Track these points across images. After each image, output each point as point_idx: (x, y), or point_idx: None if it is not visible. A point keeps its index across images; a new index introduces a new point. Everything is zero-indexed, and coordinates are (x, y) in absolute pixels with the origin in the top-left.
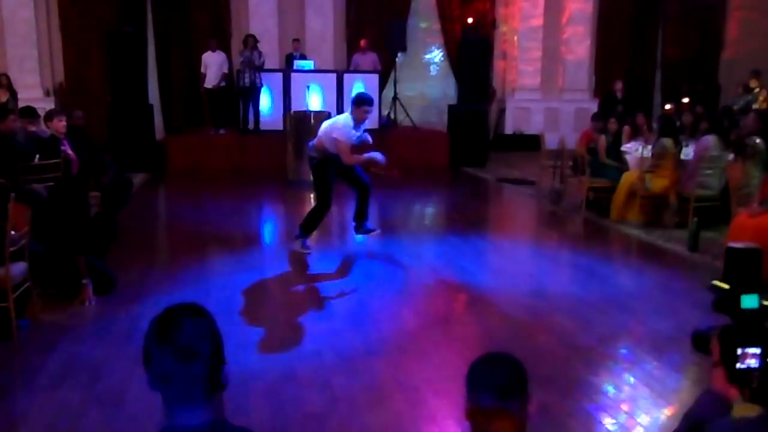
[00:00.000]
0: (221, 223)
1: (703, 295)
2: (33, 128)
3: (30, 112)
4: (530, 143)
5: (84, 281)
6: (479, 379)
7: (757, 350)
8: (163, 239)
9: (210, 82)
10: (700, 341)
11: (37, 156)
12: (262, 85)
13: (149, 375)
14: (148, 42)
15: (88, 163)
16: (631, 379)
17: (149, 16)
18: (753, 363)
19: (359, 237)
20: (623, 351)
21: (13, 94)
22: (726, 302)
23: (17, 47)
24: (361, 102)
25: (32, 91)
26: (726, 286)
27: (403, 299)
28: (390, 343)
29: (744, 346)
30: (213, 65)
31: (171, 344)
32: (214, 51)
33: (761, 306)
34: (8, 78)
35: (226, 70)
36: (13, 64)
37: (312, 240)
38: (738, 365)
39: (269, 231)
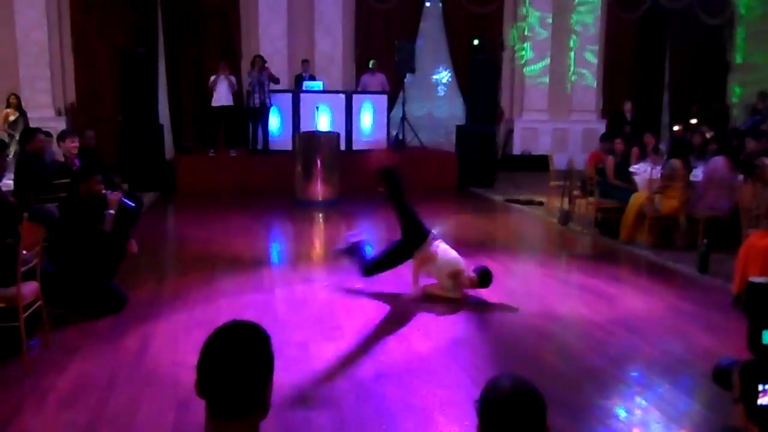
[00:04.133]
0: (230, 242)
1: (713, 317)
2: None
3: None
4: (538, 164)
5: None
6: (499, 422)
7: None
8: (172, 258)
9: (219, 101)
10: (721, 376)
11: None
12: (271, 106)
13: (198, 381)
14: (159, 62)
15: (80, 169)
16: (643, 402)
17: (160, 37)
18: None
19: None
20: (634, 373)
21: (23, 114)
22: (752, 340)
23: (30, 67)
24: None
25: (44, 110)
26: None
27: (412, 321)
28: (399, 365)
29: (765, 383)
30: (221, 88)
31: (219, 356)
32: (227, 75)
33: None
34: (17, 98)
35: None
36: (26, 84)
37: (320, 261)
38: (759, 401)
39: (278, 251)
